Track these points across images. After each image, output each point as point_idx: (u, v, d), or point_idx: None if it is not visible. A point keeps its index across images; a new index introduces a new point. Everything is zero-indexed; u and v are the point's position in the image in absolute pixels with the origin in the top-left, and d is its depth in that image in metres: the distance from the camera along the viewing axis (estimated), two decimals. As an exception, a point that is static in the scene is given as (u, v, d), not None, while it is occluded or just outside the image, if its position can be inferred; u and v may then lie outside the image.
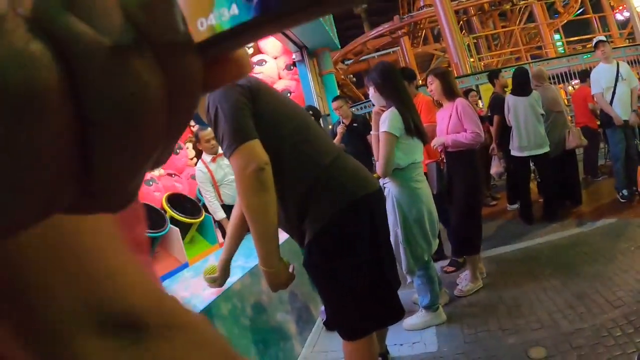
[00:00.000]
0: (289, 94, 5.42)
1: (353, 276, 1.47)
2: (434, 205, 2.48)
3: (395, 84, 2.32)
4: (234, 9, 0.16)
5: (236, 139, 1.32)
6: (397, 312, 1.62)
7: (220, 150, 3.86)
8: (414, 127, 2.29)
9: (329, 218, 1.43)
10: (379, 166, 2.35)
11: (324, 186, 1.44)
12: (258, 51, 5.82)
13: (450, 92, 2.93)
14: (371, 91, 2.38)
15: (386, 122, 2.25)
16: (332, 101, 4.94)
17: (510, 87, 4.36)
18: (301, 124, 1.51)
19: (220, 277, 1.80)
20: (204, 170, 3.68)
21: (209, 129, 3.75)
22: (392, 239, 2.43)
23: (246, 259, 2.58)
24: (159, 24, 0.14)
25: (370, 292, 1.50)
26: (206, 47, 0.16)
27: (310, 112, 3.64)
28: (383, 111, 2.34)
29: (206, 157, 3.77)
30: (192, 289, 2.45)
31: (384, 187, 2.47)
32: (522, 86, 4.07)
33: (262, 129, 1.38)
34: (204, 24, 0.16)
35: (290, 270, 1.46)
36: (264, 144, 1.35)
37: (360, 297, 1.49)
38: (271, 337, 2.31)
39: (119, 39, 0.13)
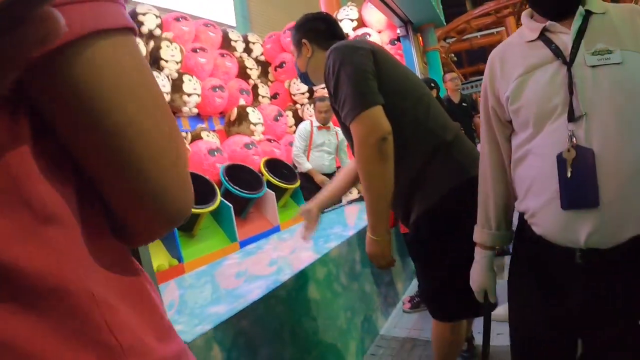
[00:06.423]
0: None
1: (458, 257, 1.42)
2: None
3: None
4: None
5: (360, 104, 1.28)
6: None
7: (329, 123, 3.99)
8: None
9: (446, 192, 1.39)
10: None
11: (442, 160, 1.40)
12: (362, 24, 5.76)
13: None
14: None
15: None
16: (445, 73, 4.85)
17: None
18: (422, 98, 1.46)
19: (313, 219, 1.72)
20: (308, 128, 3.83)
21: (327, 101, 3.84)
22: None
23: (344, 228, 2.69)
24: None
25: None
26: None
27: (432, 85, 3.56)
28: None
29: (316, 122, 3.94)
30: (285, 251, 2.59)
31: None
32: None
33: (384, 98, 1.34)
34: None
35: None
36: (385, 114, 1.32)
37: (461, 280, 1.42)
38: (359, 306, 2.38)
39: None
